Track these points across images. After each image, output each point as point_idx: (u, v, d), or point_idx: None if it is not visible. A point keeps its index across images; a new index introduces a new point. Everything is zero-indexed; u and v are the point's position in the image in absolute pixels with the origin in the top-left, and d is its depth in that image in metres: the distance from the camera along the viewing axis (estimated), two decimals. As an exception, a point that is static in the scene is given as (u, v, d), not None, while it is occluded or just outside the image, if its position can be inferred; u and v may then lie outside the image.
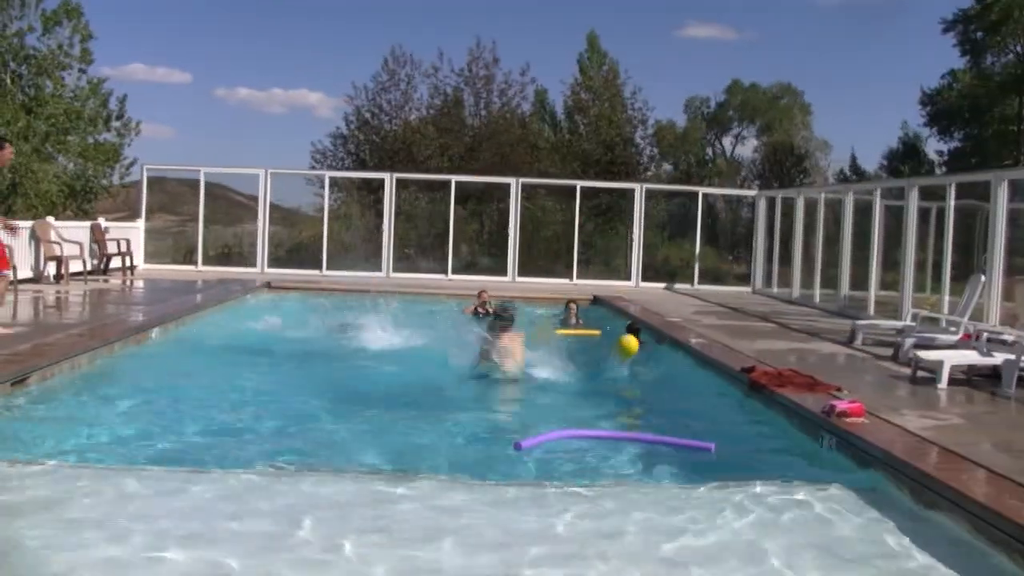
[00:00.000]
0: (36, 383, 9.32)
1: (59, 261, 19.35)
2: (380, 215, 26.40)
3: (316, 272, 25.01)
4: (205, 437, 8.01)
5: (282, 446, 7.73)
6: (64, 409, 8.77)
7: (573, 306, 17.27)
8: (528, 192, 27.47)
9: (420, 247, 28.19)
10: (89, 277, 20.51)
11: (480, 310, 17.79)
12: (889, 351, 12.66)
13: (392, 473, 6.88)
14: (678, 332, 14.88)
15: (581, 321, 17.00)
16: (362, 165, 35.42)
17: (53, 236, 19.40)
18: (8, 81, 30.94)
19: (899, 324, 13.85)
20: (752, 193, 29.63)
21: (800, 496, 6.41)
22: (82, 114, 31.49)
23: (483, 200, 30.35)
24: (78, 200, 31.32)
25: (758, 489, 6.49)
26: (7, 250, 12.21)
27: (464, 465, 7.20)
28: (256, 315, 16.82)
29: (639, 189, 26.47)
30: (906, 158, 42.75)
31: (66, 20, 31.40)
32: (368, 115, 36.45)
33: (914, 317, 13.74)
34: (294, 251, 28.58)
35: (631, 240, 26.15)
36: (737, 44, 59.26)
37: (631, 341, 11.82)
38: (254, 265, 25.53)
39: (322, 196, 28.21)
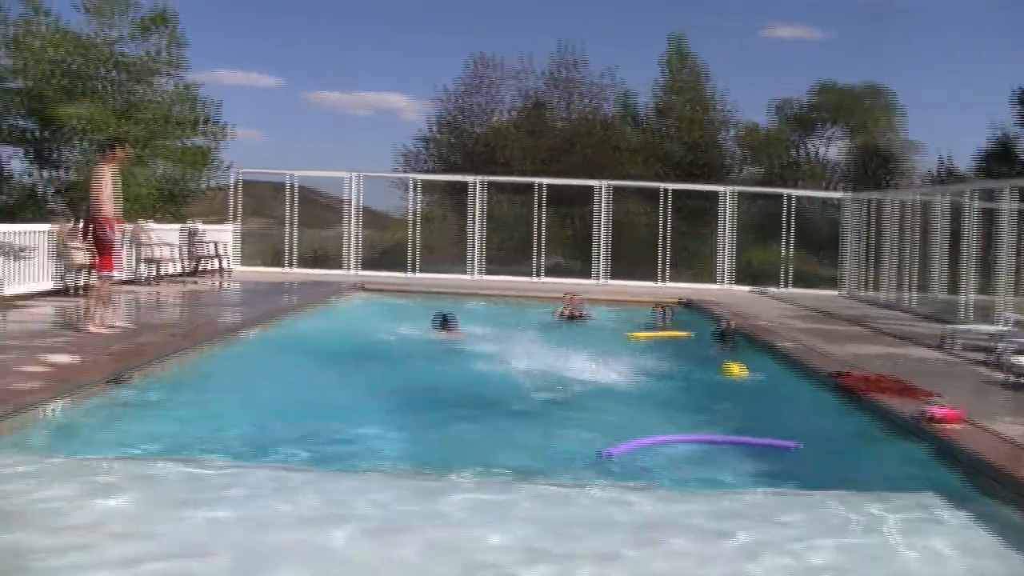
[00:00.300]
0: (134, 381, 9.53)
1: (154, 263, 19.74)
2: (468, 217, 26.49)
3: (406, 274, 25.19)
4: (298, 436, 8.13)
5: (374, 447, 7.81)
6: (160, 407, 9.03)
7: (663, 309, 17.39)
8: (615, 194, 27.36)
9: (508, 250, 28.23)
10: (183, 278, 20.90)
11: (566, 312, 17.82)
12: (983, 356, 12.41)
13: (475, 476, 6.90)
14: (767, 336, 14.75)
15: (672, 323, 16.95)
16: (449, 168, 35.58)
17: (148, 239, 19.80)
18: (105, 87, 31.55)
19: (994, 329, 13.60)
20: (840, 195, 29.22)
21: (891, 503, 6.34)
22: (171, 119, 32.00)
23: (570, 202, 30.28)
24: (173, 203, 31.84)
25: (847, 497, 6.45)
26: (117, 251, 12.52)
27: (552, 470, 7.23)
28: (350, 317, 17.00)
29: (726, 191, 26.26)
30: (1000, 159, 41.74)
31: (159, 27, 31.96)
32: (454, 118, 36.58)
33: (1009, 321, 13.45)
34: (384, 253, 28.78)
35: (719, 243, 25.96)
36: (824, 43, 58.37)
37: (733, 367, 11.80)
38: (345, 267, 25.80)
39: (409, 199, 28.36)
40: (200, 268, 22.42)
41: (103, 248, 12.19)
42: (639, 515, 6.14)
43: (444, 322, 15.17)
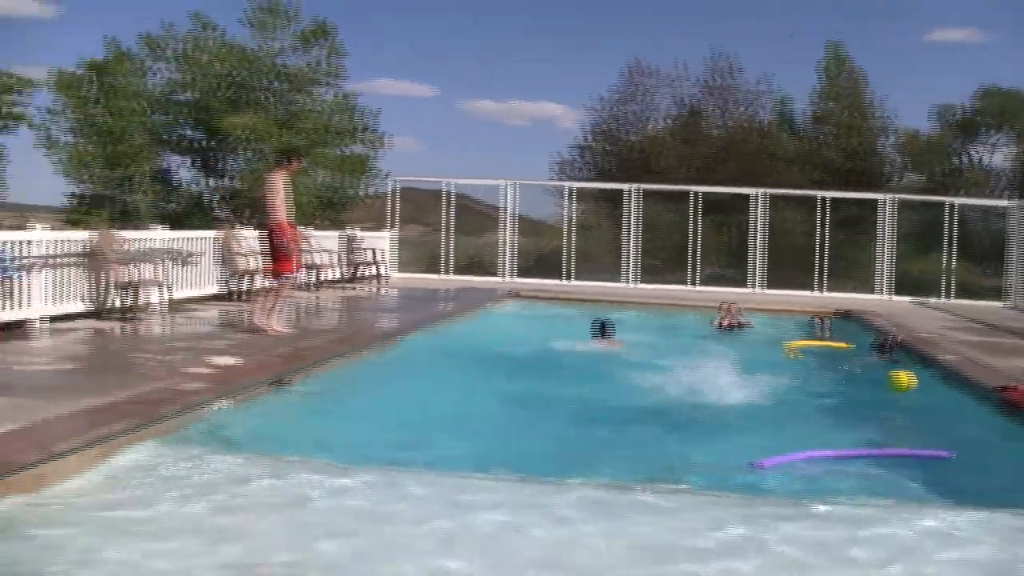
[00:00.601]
0: (296, 384, 9.63)
1: (314, 269, 20.06)
2: (623, 225, 26.28)
3: (561, 281, 25.10)
4: (458, 441, 8.11)
5: (523, 453, 7.71)
6: (322, 409, 9.13)
7: (822, 320, 16.94)
8: (771, 203, 26.82)
9: (663, 258, 27.94)
10: (342, 285, 21.20)
11: (723, 322, 17.48)
12: None
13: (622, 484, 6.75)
14: (928, 348, 14.16)
15: (830, 334, 16.42)
16: (604, 176, 35.45)
17: (309, 245, 20.12)
18: (268, 98, 32.36)
19: None
20: (1006, 203, 28.02)
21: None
22: (331, 128, 32.63)
23: (726, 211, 29.83)
24: (332, 211, 32.44)
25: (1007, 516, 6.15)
26: (293, 255, 12.75)
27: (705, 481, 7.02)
28: (504, 323, 16.99)
29: (886, 199, 25.43)
30: None
31: (320, 39, 32.65)
32: (608, 126, 36.45)
33: None
34: (539, 261, 28.78)
35: (878, 252, 25.16)
36: (989, 46, 56.27)
37: (901, 378, 11.30)
38: (500, 275, 25.87)
39: (564, 207, 28.25)
40: (358, 274, 22.73)
41: (278, 253, 12.39)
42: (798, 530, 5.87)
43: (603, 329, 14.93)
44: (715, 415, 9.82)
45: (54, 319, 12.69)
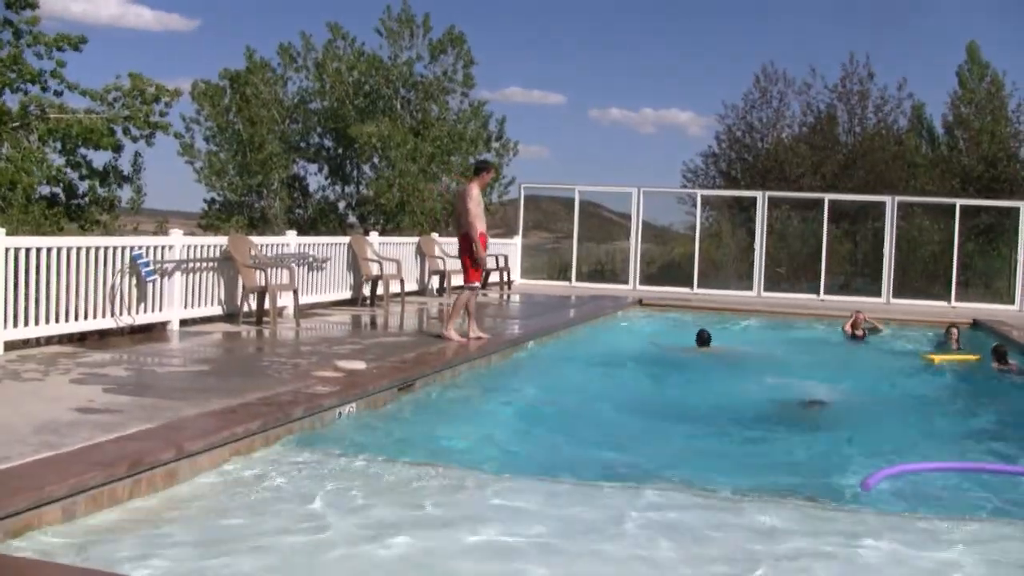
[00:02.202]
0: (420, 389, 9.73)
1: (442, 275, 20.23)
2: (751, 233, 25.93)
3: (687, 290, 24.88)
4: (576, 449, 8.11)
5: (635, 462, 7.64)
6: (444, 414, 9.19)
7: (954, 331, 16.25)
8: (904, 211, 26.20)
9: (792, 267, 27.49)
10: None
11: (853, 331, 17.20)
12: None
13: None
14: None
15: (960, 346, 15.89)
16: (733, 183, 35.10)
17: (437, 251, 20.32)
18: (399, 106, 32.82)
19: None
20: None
21: None
22: (464, 135, 32.91)
23: (857, 219, 29.25)
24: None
25: None
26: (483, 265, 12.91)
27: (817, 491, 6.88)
28: (628, 331, 16.91)
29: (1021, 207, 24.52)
30: None
31: (451, 48, 32.99)
32: (739, 133, 36.05)
33: None
34: (665, 268, 28.57)
35: (1015, 261, 24.29)
36: None
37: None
38: (626, 282, 25.75)
39: (693, 214, 27.95)
40: (486, 281, 22.83)
41: (472, 262, 12.50)
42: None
43: (701, 339, 15.05)
44: (834, 422, 9.77)
45: (190, 322, 13.03)
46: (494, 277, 23.07)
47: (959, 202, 25.65)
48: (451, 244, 21.60)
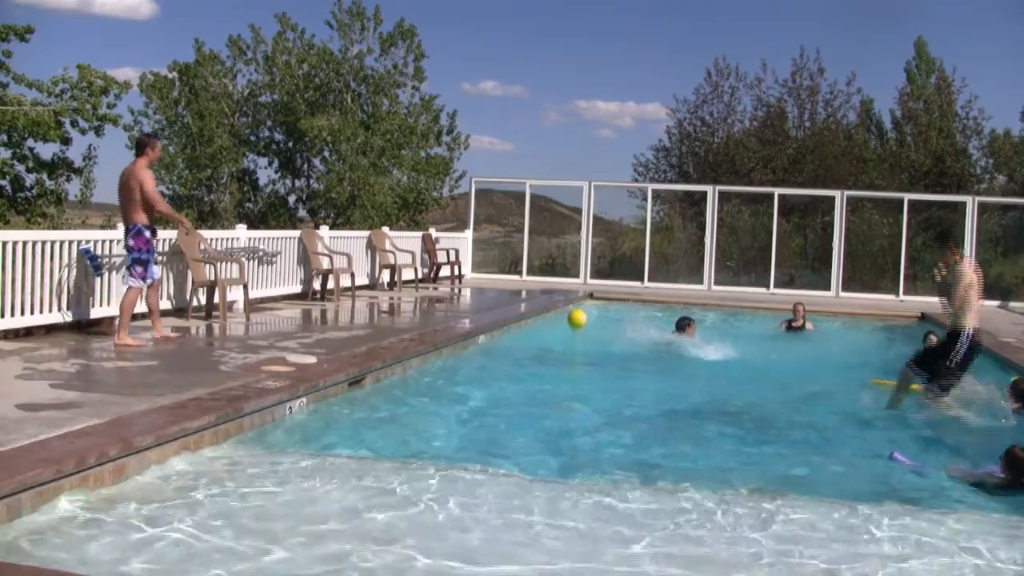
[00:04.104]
0: (371, 383, 9.73)
1: (392, 269, 20.20)
2: (702, 228, 26.09)
3: (638, 284, 24.99)
4: (528, 443, 8.14)
5: (615, 457, 7.69)
6: (393, 409, 9.15)
7: (932, 337, 14.64)
8: (853, 205, 26.49)
9: (742, 260, 27.71)
10: (420, 285, 21.33)
11: (791, 324, 17.39)
12: None
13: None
14: (1012, 354, 13.85)
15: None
16: (684, 177, 35.25)
17: (387, 245, 20.28)
18: (349, 100, 32.71)
19: None
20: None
21: None
22: (415, 129, 32.86)
23: (807, 213, 29.54)
24: (410, 211, 32.68)
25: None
26: None
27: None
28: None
29: (971, 202, 24.87)
30: None
31: (401, 41, 32.91)
32: (690, 128, 36.23)
33: None
34: (616, 262, 28.69)
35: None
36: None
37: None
38: (577, 276, 25.83)
39: (644, 208, 28.07)
40: (437, 275, 22.86)
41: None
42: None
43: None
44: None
45: (139, 316, 12.91)
46: (445, 271, 23.09)
47: (907, 197, 25.97)
48: (401, 238, 21.64)
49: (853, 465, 7.85)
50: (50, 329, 11.50)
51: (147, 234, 11.18)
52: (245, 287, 14.32)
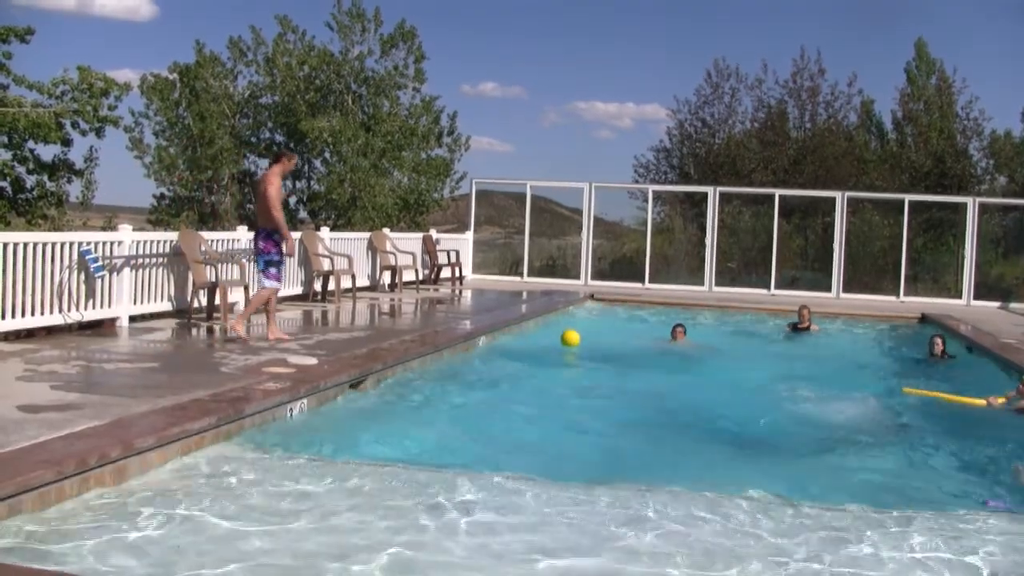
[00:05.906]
0: (372, 385, 9.73)
1: (393, 270, 20.19)
2: (703, 229, 26.07)
3: (639, 285, 24.97)
4: (529, 444, 8.13)
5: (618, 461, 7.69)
6: (396, 410, 9.17)
7: (939, 340, 14.44)
8: (854, 206, 26.47)
9: (743, 261, 27.69)
10: (420, 286, 21.32)
11: (798, 326, 17.34)
12: None
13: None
14: (1013, 354, 13.85)
15: (947, 355, 15.08)
16: (685, 178, 35.21)
17: (388, 247, 20.28)
18: (350, 101, 32.70)
19: None
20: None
21: None
22: (416, 131, 32.84)
23: (808, 214, 29.50)
24: (411, 212, 32.66)
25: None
26: None
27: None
28: (581, 326, 16.98)
29: (972, 203, 24.85)
30: None
31: (402, 42, 32.89)
32: (691, 128, 36.17)
33: None
34: (617, 264, 28.65)
35: (962, 256, 24.61)
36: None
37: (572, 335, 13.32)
38: (578, 277, 25.81)
39: (645, 210, 28.03)
40: (438, 276, 22.85)
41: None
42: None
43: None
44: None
45: (139, 318, 12.93)
46: (446, 272, 23.07)
47: (908, 198, 25.94)
48: (402, 239, 21.63)
49: (853, 467, 7.84)
50: (51, 331, 11.50)
51: (275, 237, 11.50)
52: (246, 288, 14.32)
